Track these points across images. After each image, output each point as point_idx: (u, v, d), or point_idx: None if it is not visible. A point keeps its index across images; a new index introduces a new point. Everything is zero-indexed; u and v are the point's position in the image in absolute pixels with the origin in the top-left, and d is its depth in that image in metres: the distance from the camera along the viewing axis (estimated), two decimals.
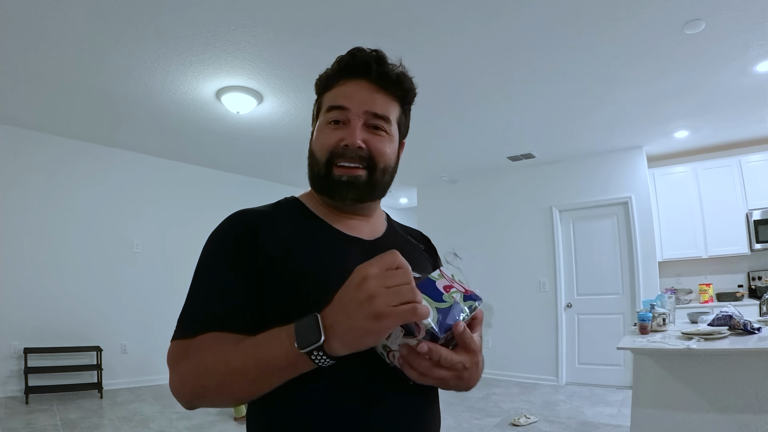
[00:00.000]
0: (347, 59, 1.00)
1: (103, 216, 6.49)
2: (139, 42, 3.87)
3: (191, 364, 0.81)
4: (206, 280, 0.91)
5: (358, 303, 0.67)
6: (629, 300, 6.46)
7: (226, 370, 0.76)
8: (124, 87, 4.67)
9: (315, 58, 4.17)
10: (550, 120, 5.71)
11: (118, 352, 6.36)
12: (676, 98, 5.10)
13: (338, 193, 0.98)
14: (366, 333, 0.68)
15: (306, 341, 0.69)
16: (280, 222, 0.98)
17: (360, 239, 1.04)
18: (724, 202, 6.35)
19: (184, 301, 0.91)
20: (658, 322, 3.51)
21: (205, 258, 0.94)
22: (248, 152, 6.94)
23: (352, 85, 0.99)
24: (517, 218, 7.58)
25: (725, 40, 3.95)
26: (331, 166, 0.97)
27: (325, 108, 1.00)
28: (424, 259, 1.18)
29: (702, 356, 2.91)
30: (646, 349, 3.03)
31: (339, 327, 0.68)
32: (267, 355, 0.74)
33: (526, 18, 3.67)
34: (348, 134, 0.96)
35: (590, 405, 5.46)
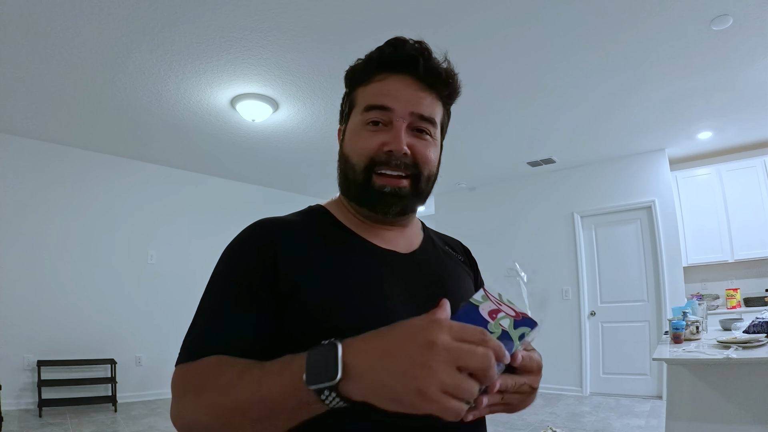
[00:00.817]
0: (389, 51, 0.87)
1: (117, 228, 6.46)
2: (152, 51, 3.85)
3: (190, 397, 0.68)
4: (214, 304, 0.80)
5: (409, 365, 0.52)
6: (654, 307, 6.28)
7: (226, 407, 0.63)
8: (138, 97, 4.64)
9: (333, 64, 4.11)
10: (572, 124, 5.60)
11: (133, 365, 6.30)
12: (701, 98, 4.96)
13: (380, 206, 0.88)
14: (396, 401, 0.53)
15: (317, 377, 0.55)
16: (306, 238, 0.86)
17: (396, 253, 0.92)
18: (749, 203, 6.16)
19: (192, 320, 0.80)
20: (692, 331, 3.35)
21: (217, 276, 0.83)
22: (264, 162, 6.87)
23: (395, 82, 0.86)
24: (537, 225, 7.45)
25: (753, 35, 3.83)
26: (371, 175, 0.86)
27: (362, 106, 0.87)
28: (464, 273, 1.05)
29: (740, 365, 2.77)
30: (683, 359, 2.88)
31: (367, 375, 0.54)
32: (273, 389, 0.60)
33: (551, 21, 3.60)
34: (392, 138, 0.84)
35: (617, 416, 5.28)
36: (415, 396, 0.51)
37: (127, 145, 6.08)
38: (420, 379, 0.50)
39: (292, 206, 4.85)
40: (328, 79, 4.42)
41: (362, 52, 0.91)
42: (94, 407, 5.67)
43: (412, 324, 0.55)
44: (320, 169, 7.22)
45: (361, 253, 0.88)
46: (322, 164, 6.95)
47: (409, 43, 0.87)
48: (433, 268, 0.96)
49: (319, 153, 6.44)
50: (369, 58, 0.89)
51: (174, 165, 6.95)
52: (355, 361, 0.54)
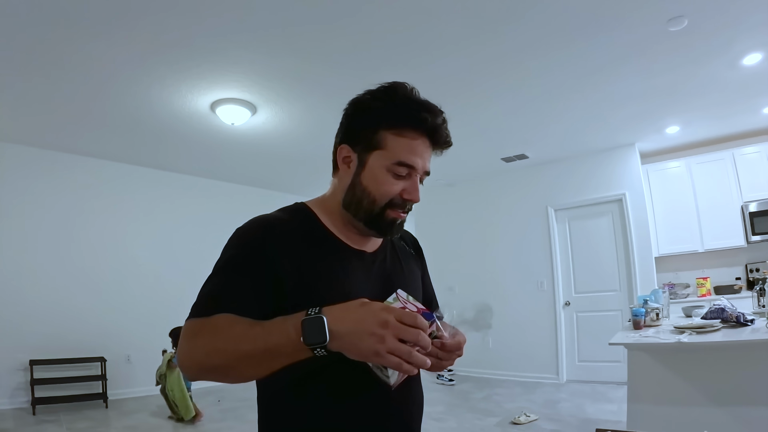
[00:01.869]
0: (431, 121, 1.05)
1: (106, 228, 6.61)
2: (139, 61, 4.00)
3: (203, 343, 0.88)
4: (225, 278, 0.98)
5: (369, 335, 0.79)
6: (627, 296, 6.50)
7: (236, 353, 0.85)
8: (125, 104, 4.80)
9: (308, 70, 4.28)
10: (543, 121, 5.77)
11: (123, 363, 6.43)
12: (666, 94, 5.15)
13: (388, 232, 1.11)
14: (361, 356, 0.81)
15: (313, 339, 0.79)
16: (293, 239, 1.04)
17: (363, 252, 1.15)
18: (719, 195, 6.40)
19: (201, 288, 0.98)
20: (652, 317, 3.55)
21: (225, 258, 1.01)
22: (244, 162, 7.05)
23: (420, 144, 1.06)
24: (513, 219, 7.65)
25: (710, 35, 4.00)
26: (386, 210, 1.07)
27: (393, 158, 1.04)
28: (415, 265, 1.31)
29: (697, 350, 2.95)
30: (638, 344, 3.07)
31: (345, 338, 0.80)
32: (274, 343, 0.82)
33: (519, 27, 3.77)
34: (412, 191, 1.07)
35: (591, 402, 5.50)
36: (372, 354, 0.79)
37: (114, 149, 6.23)
38: (376, 344, 0.78)
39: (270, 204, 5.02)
40: (303, 84, 4.58)
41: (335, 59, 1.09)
42: (86, 404, 5.81)
43: (374, 306, 0.82)
44: (296, 168, 7.41)
45: (338, 253, 1.09)
46: (297, 164, 7.14)
47: (437, 114, 1.07)
48: (389, 264, 1.20)
49: (295, 153, 6.63)
50: (406, 114, 1.05)
51: (160, 167, 7.11)
52: (336, 327, 0.80)
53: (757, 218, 6.09)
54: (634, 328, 3.50)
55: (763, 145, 6.23)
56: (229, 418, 5.32)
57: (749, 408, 2.76)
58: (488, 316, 1.38)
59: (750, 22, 3.83)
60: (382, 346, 0.77)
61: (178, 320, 5.27)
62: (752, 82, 4.93)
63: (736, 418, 2.77)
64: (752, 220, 6.11)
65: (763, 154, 6.19)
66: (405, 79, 1.14)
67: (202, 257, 7.19)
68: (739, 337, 2.77)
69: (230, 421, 5.22)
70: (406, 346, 0.78)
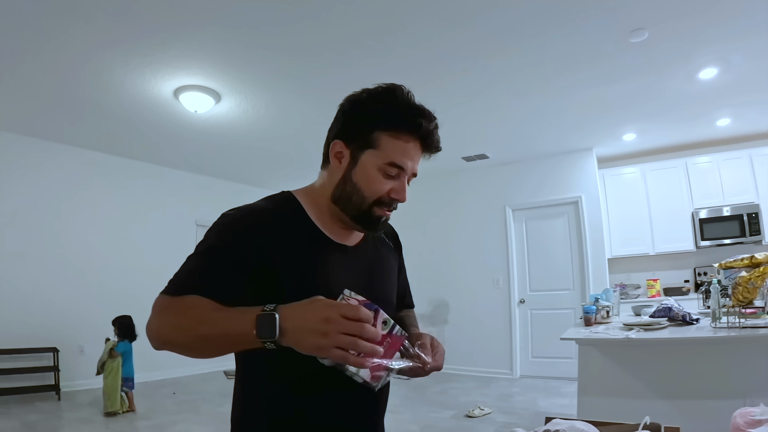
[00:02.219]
0: (425, 126, 1.09)
1: (59, 214, 6.38)
2: (101, 38, 3.85)
3: (170, 319, 0.94)
4: (203, 261, 1.02)
5: (312, 331, 0.82)
6: (580, 295, 6.70)
7: (196, 333, 0.91)
8: (84, 84, 4.63)
9: (275, 61, 4.26)
10: (504, 122, 5.90)
11: (76, 354, 6.24)
12: (624, 102, 5.33)
13: (373, 228, 1.16)
14: (307, 352, 0.84)
15: (264, 334, 0.83)
16: (278, 230, 1.07)
17: (345, 246, 1.18)
18: (671, 201, 6.69)
19: (180, 267, 1.02)
20: (602, 315, 3.68)
21: (207, 242, 1.05)
22: (207, 151, 6.92)
23: (412, 147, 1.09)
24: (472, 217, 7.77)
25: (669, 49, 4.18)
26: (374, 207, 1.11)
27: (385, 158, 1.07)
28: (393, 258, 1.37)
29: (644, 346, 3.08)
30: (588, 339, 3.19)
31: (291, 335, 0.83)
32: (231, 331, 0.88)
33: (479, 25, 3.82)
34: (400, 191, 1.11)
35: (544, 396, 5.65)
36: (316, 349, 0.82)
37: (70, 132, 6.02)
38: (319, 340, 0.81)
39: (233, 196, 5.07)
40: (270, 75, 4.56)
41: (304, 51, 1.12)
42: (38, 396, 5.67)
43: (318, 303, 0.85)
44: (259, 160, 7.36)
45: (320, 246, 1.12)
46: (261, 156, 7.10)
47: (431, 119, 1.11)
48: (369, 258, 1.24)
49: (259, 145, 6.59)
50: (403, 117, 1.08)
51: (118, 153, 6.90)
52: (285, 324, 0.83)
53: (706, 225, 6.38)
54: (585, 324, 3.62)
55: (714, 156, 6.52)
56: (184, 411, 5.27)
57: (692, 401, 2.90)
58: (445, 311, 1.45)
59: (708, 39, 4.01)
60: (325, 341, 0.81)
61: (133, 310, 5.20)
62: (707, 95, 5.15)
63: (679, 409, 2.90)
64: (702, 226, 6.40)
65: (715, 164, 6.49)
66: (366, 71, 1.19)
67: (160, 247, 7.21)
68: (685, 335, 2.90)
69: (185, 413, 5.17)
70: (350, 338, 0.81)
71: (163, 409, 5.30)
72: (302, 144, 6.46)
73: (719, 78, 4.74)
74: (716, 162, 6.49)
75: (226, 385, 6.50)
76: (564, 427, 1.35)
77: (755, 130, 6.36)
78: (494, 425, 4.58)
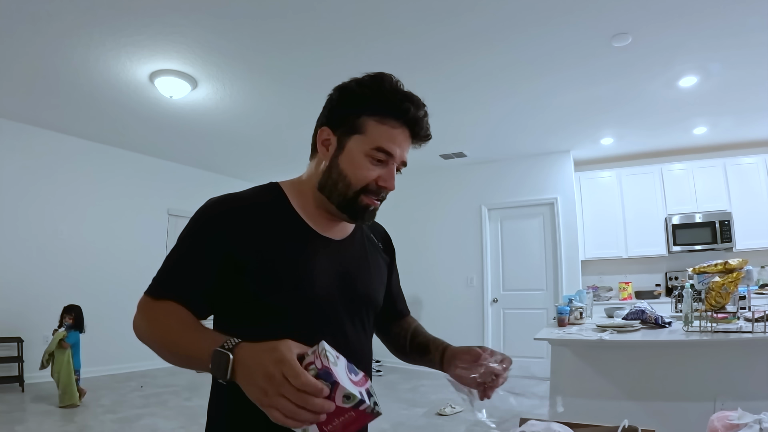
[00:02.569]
0: (413, 112, 1.07)
1: (26, 199, 6.15)
2: (74, 18, 3.72)
3: (146, 325, 0.97)
4: (180, 257, 1.02)
5: (254, 385, 0.76)
6: (553, 296, 6.75)
7: (164, 343, 0.94)
8: (55, 64, 4.48)
9: (253, 48, 4.17)
10: (482, 121, 5.89)
11: (41, 344, 5.88)
12: (603, 106, 5.37)
13: (361, 217, 1.12)
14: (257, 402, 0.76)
15: (216, 373, 0.81)
16: (258, 219, 1.05)
17: (330, 239, 1.14)
18: (645, 206, 6.79)
19: (162, 264, 1.02)
20: (576, 316, 3.69)
21: (185, 235, 1.04)
22: (180, 139, 6.75)
23: (400, 133, 1.07)
24: (447, 215, 7.77)
25: (651, 54, 4.20)
26: (360, 195, 1.08)
27: (372, 143, 1.05)
28: (381, 259, 1.30)
29: (616, 347, 3.10)
30: (562, 339, 3.19)
31: (240, 380, 0.78)
32: (192, 355, 0.88)
33: (461, 23, 3.80)
34: (387, 179, 1.08)
35: (514, 396, 5.65)
36: (257, 403, 0.76)
37: (40, 114, 5.82)
38: (260, 395, 0.75)
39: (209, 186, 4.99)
40: (248, 63, 4.46)
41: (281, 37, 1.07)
42: (0, 387, 5.49)
43: (272, 355, 0.76)
44: (237, 151, 7.22)
45: (301, 237, 1.08)
46: (238, 146, 6.97)
47: (420, 107, 1.10)
48: (356, 253, 1.20)
49: (236, 135, 6.46)
50: (390, 102, 1.06)
51: (89, 137, 6.69)
52: (237, 368, 0.79)
53: (679, 230, 6.48)
54: (559, 325, 3.62)
55: (689, 163, 6.65)
56: (152, 404, 5.17)
57: (663, 403, 2.92)
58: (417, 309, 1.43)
59: (690, 47, 4.05)
60: (265, 399, 0.74)
61: (100, 298, 5.11)
62: (686, 103, 5.22)
63: (650, 411, 2.92)
64: (674, 231, 6.50)
65: (689, 171, 6.61)
66: (347, 63, 1.17)
67: (130, 236, 7.07)
68: (657, 337, 2.92)
69: (153, 407, 5.06)
70: (290, 405, 0.72)
71: (129, 403, 5.18)
72: (280, 135, 6.38)
73: (698, 87, 4.80)
74: (691, 169, 6.61)
75: (195, 379, 6.40)
76: (539, 429, 1.34)
77: (730, 139, 6.48)
78: (465, 423, 4.58)
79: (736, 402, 1.64)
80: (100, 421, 4.51)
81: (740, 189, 6.33)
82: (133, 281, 6.83)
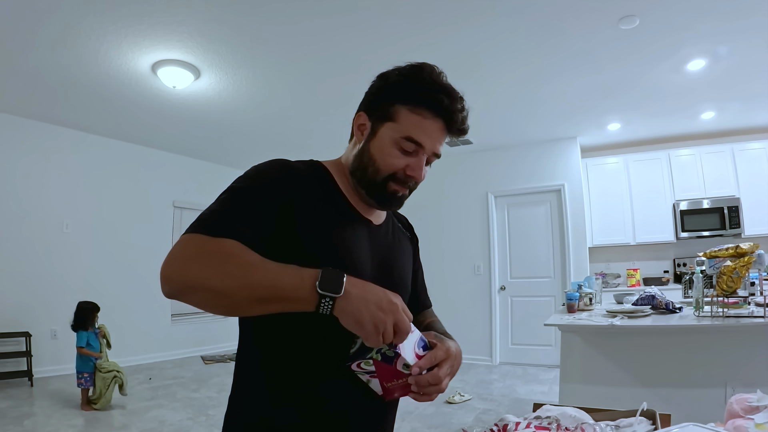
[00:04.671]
0: (446, 103, 1.04)
1: (31, 194, 6.13)
2: (74, 10, 3.69)
3: (208, 262, 0.84)
4: (239, 203, 0.96)
5: (375, 304, 0.83)
6: (560, 283, 6.72)
7: (241, 281, 0.83)
8: (56, 57, 4.45)
9: (255, 35, 4.11)
10: (489, 108, 5.83)
11: (48, 338, 6.03)
12: (610, 92, 5.30)
13: (387, 204, 1.12)
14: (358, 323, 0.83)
15: (328, 287, 0.82)
16: (312, 190, 1.05)
17: (370, 222, 1.16)
18: (652, 192, 6.74)
19: (210, 207, 0.95)
20: (585, 302, 3.67)
21: (240, 185, 1.00)
22: (184, 130, 6.70)
23: (434, 125, 1.05)
24: (454, 203, 7.73)
25: (659, 37, 4.13)
26: (388, 182, 1.07)
27: (402, 132, 1.04)
28: (409, 246, 1.32)
29: (626, 333, 3.09)
30: (572, 325, 3.17)
31: (352, 301, 0.82)
32: (285, 283, 0.83)
33: (467, 7, 3.73)
34: (416, 169, 1.06)
35: (523, 383, 5.67)
36: (370, 322, 0.82)
37: (43, 108, 5.78)
38: (379, 313, 0.82)
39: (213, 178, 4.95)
40: (251, 50, 4.40)
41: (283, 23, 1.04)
42: (9, 382, 5.50)
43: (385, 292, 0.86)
44: (241, 141, 7.17)
45: (348, 217, 1.10)
46: (243, 136, 6.91)
47: (458, 99, 1.07)
48: (390, 239, 1.22)
49: (240, 125, 6.41)
50: (424, 92, 1.04)
51: (92, 131, 6.65)
52: (350, 288, 0.83)
53: (687, 216, 6.43)
54: (568, 311, 3.60)
55: (697, 149, 6.59)
56: (159, 396, 5.18)
57: (674, 389, 2.91)
58: None
59: (698, 30, 3.98)
60: (384, 316, 0.82)
61: (108, 294, 5.11)
62: (694, 87, 5.15)
63: (662, 399, 2.91)
64: (682, 217, 6.45)
65: (697, 157, 6.55)
66: (349, 45, 1.14)
67: (136, 229, 7.07)
68: (668, 323, 2.89)
69: (160, 399, 5.09)
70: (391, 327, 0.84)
71: (137, 395, 5.19)
72: (285, 125, 6.34)
73: (706, 70, 4.73)
74: (698, 155, 6.56)
75: (202, 371, 6.43)
76: (555, 414, 1.32)
77: (738, 125, 6.42)
78: (474, 411, 4.58)
79: (746, 387, 1.62)
80: (108, 415, 4.52)
81: (748, 175, 6.27)
82: (140, 274, 6.91)
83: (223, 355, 7.65)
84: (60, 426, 4.15)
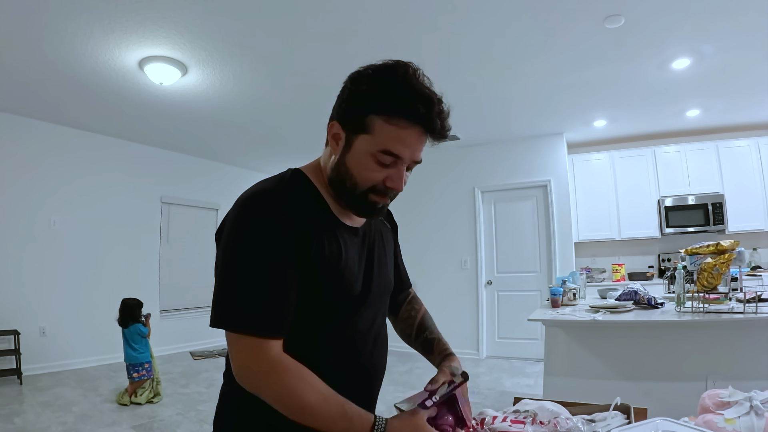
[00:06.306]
0: (423, 112, 0.98)
1: (18, 191, 6.06)
2: (61, 5, 3.66)
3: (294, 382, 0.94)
4: (267, 273, 0.95)
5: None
6: (546, 278, 6.78)
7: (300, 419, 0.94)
8: (44, 53, 4.41)
9: (243, 32, 4.11)
10: (476, 104, 5.85)
11: (37, 336, 5.98)
12: (596, 90, 5.35)
13: (368, 215, 1.11)
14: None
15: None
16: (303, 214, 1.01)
17: (355, 228, 1.14)
18: (638, 188, 6.83)
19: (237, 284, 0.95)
20: (569, 297, 3.72)
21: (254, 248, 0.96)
22: (172, 126, 6.66)
23: (411, 134, 0.99)
24: (440, 198, 7.76)
25: (644, 36, 4.17)
26: (368, 194, 1.04)
27: (379, 145, 0.99)
28: (391, 237, 1.35)
29: (609, 328, 3.14)
30: (555, 320, 3.22)
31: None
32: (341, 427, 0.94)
33: (450, 4, 3.73)
34: (396, 180, 1.03)
35: (509, 376, 5.74)
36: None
37: (30, 104, 5.73)
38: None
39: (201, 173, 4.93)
40: (238, 47, 4.39)
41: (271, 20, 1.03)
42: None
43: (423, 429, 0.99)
44: (229, 136, 7.15)
45: (336, 229, 1.08)
46: (230, 131, 6.89)
47: (436, 103, 1.00)
48: (374, 239, 1.21)
49: (227, 120, 6.39)
50: (399, 101, 0.97)
51: (79, 126, 6.59)
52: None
53: (671, 212, 6.52)
54: (552, 306, 3.66)
55: (682, 146, 6.68)
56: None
57: (655, 383, 2.98)
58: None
59: (683, 28, 4.02)
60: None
61: (96, 291, 5.07)
62: (679, 85, 5.21)
63: (642, 391, 2.97)
64: (667, 213, 6.54)
65: (682, 154, 6.65)
66: (338, 45, 1.13)
67: (124, 225, 7.03)
68: (650, 318, 2.95)
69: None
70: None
71: None
72: (271, 120, 6.33)
73: (691, 69, 4.78)
74: (683, 152, 6.65)
75: (191, 367, 6.43)
76: (533, 408, 1.35)
77: (723, 122, 6.50)
78: None
79: (727, 381, 1.67)
80: (98, 411, 4.52)
81: (733, 172, 6.37)
82: (128, 270, 6.88)
83: (212, 350, 7.64)
84: (50, 423, 4.14)
